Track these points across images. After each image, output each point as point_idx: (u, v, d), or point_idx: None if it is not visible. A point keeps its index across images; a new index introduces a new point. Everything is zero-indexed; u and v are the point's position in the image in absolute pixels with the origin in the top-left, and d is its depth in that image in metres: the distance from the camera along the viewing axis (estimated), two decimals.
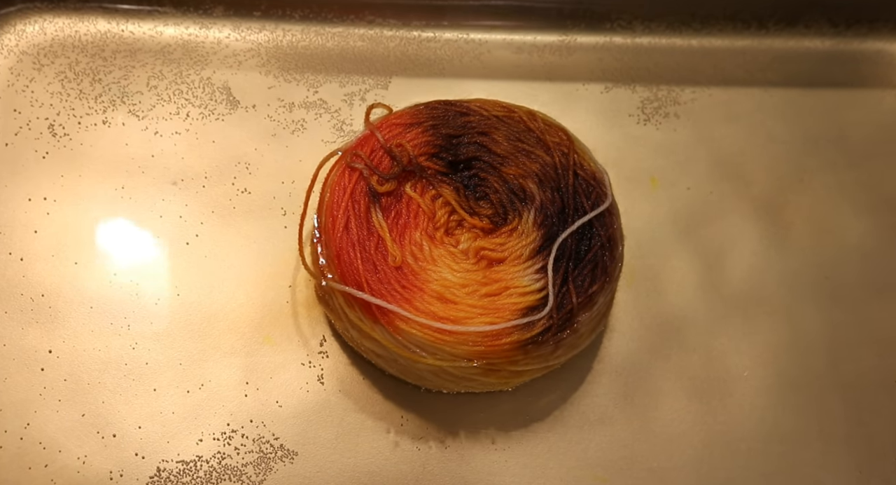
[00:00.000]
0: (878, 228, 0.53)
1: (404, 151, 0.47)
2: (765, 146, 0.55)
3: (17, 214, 0.49)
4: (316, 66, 0.55)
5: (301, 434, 0.46)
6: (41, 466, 0.44)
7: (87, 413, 0.45)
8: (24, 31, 0.54)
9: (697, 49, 0.57)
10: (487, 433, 0.46)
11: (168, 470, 0.45)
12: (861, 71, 0.58)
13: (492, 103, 0.49)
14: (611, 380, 0.48)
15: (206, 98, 0.53)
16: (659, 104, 0.56)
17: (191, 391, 0.46)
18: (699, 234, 0.52)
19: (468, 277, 0.45)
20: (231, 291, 0.48)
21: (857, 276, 0.52)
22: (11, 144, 0.51)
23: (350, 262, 0.44)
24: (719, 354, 0.49)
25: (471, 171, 0.47)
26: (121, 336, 0.47)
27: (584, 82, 0.56)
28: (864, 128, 0.57)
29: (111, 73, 0.53)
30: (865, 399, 0.49)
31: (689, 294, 0.51)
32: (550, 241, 0.45)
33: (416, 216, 0.46)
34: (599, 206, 0.46)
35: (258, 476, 0.45)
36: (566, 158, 0.47)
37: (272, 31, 0.56)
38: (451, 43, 0.56)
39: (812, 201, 0.54)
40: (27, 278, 0.48)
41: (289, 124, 0.53)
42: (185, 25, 0.55)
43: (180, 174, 0.51)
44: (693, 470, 0.46)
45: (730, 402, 0.48)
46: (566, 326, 0.44)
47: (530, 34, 0.57)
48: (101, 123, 0.52)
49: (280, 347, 0.47)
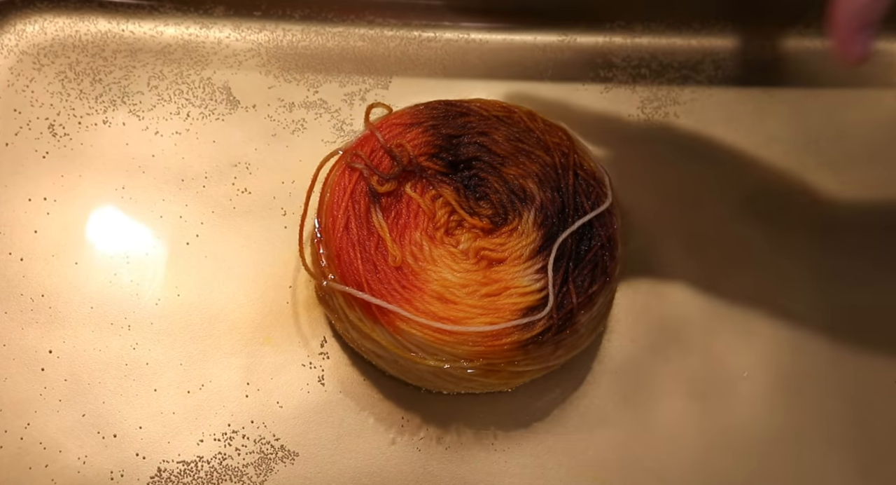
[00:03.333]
0: (878, 228, 0.53)
1: (404, 151, 0.47)
2: (765, 146, 0.55)
3: (17, 214, 0.49)
4: (316, 66, 0.55)
5: (302, 435, 0.46)
6: (41, 466, 0.44)
7: (87, 413, 0.45)
8: (24, 31, 0.54)
9: (697, 49, 0.57)
10: (487, 434, 0.46)
11: (169, 470, 0.45)
12: (861, 71, 0.58)
13: (492, 103, 0.49)
14: (610, 380, 0.48)
15: (206, 98, 0.53)
16: (659, 104, 0.56)
17: (191, 392, 0.46)
18: (699, 234, 0.52)
19: (468, 277, 0.45)
20: (231, 292, 0.48)
21: (857, 276, 0.52)
22: (11, 143, 0.51)
23: (350, 262, 0.44)
24: (719, 354, 0.49)
25: (471, 171, 0.47)
26: (121, 336, 0.47)
27: (584, 82, 0.56)
28: (864, 128, 0.57)
29: (111, 73, 0.53)
30: (865, 399, 0.49)
31: (689, 294, 0.51)
32: (550, 241, 0.45)
33: (416, 216, 0.46)
34: (599, 206, 0.46)
35: (259, 477, 0.45)
36: (566, 158, 0.47)
37: (272, 31, 0.55)
38: (451, 43, 0.56)
39: (812, 201, 0.54)
40: (27, 278, 0.48)
41: (289, 124, 0.53)
42: (186, 25, 0.55)
43: (180, 174, 0.51)
44: (693, 471, 0.46)
45: (730, 402, 0.48)
46: (566, 327, 0.44)
47: (530, 34, 0.57)
48: (101, 123, 0.52)
49: (281, 348, 0.47)
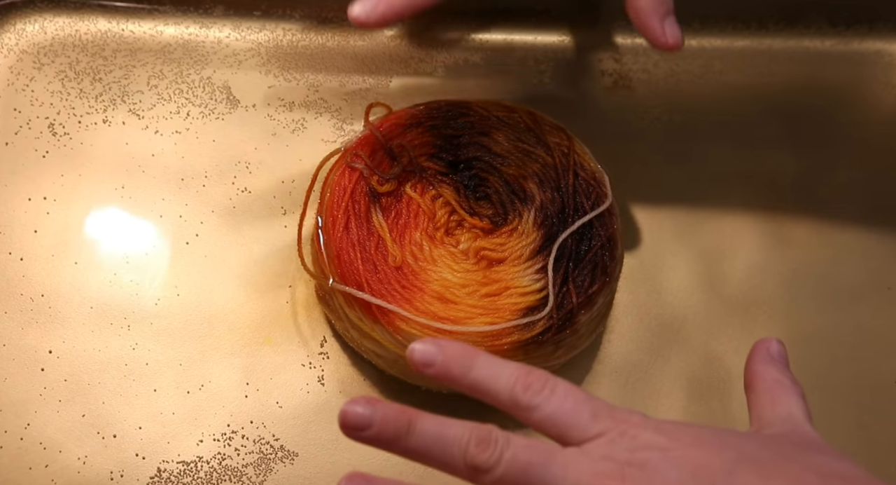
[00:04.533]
0: (879, 228, 0.53)
1: (404, 151, 0.47)
2: (765, 147, 0.55)
3: (17, 214, 0.49)
4: (316, 66, 0.55)
5: (301, 435, 0.46)
6: (41, 466, 0.44)
7: (87, 413, 0.45)
8: (24, 30, 0.54)
9: (697, 49, 0.57)
10: None
11: (168, 471, 0.45)
12: (861, 71, 0.58)
13: (492, 103, 0.49)
14: (611, 380, 0.48)
15: (206, 97, 0.53)
16: (659, 104, 0.56)
17: (191, 392, 0.46)
18: (699, 234, 0.52)
19: (468, 277, 0.45)
20: (231, 292, 0.48)
21: (857, 276, 0.52)
22: (11, 143, 0.51)
23: (350, 262, 0.44)
24: (719, 354, 0.49)
25: (471, 171, 0.47)
26: (121, 336, 0.47)
27: (585, 82, 0.56)
28: (864, 128, 0.57)
29: (111, 73, 0.53)
30: (865, 400, 0.49)
31: (689, 294, 0.51)
32: (550, 241, 0.45)
33: (416, 216, 0.46)
34: (599, 206, 0.46)
35: (258, 477, 0.45)
36: (566, 158, 0.47)
37: (272, 30, 0.55)
38: (452, 43, 0.56)
39: (812, 201, 0.54)
40: (27, 278, 0.48)
41: (289, 124, 0.53)
42: (186, 25, 0.55)
43: (180, 174, 0.51)
44: None
45: (730, 402, 0.48)
46: (566, 327, 0.44)
47: (530, 34, 0.57)
48: (101, 123, 0.52)
49: (280, 348, 0.47)
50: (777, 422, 0.34)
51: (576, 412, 0.31)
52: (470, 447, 0.31)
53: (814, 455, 0.32)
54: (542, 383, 0.32)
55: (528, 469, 0.30)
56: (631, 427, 0.31)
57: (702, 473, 0.30)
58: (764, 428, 0.35)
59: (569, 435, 0.31)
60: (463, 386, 0.32)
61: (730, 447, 0.31)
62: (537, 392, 0.32)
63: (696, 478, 0.30)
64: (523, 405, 0.32)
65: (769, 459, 0.31)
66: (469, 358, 0.32)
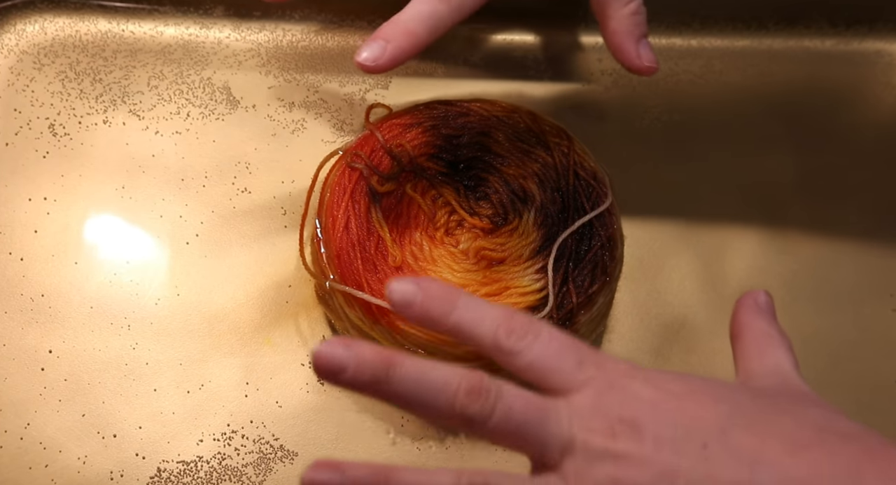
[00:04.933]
0: (879, 229, 0.53)
1: (404, 151, 0.47)
2: (765, 147, 0.55)
3: (17, 214, 0.49)
4: (316, 66, 0.55)
5: (301, 435, 0.46)
6: (41, 466, 0.44)
7: (87, 413, 0.45)
8: (24, 31, 0.54)
9: (697, 49, 0.57)
10: None
11: (168, 470, 0.45)
12: (861, 71, 0.58)
13: (492, 103, 0.49)
14: None
15: (206, 98, 0.53)
16: (659, 104, 0.56)
17: (191, 392, 0.46)
18: (699, 234, 0.52)
19: (468, 277, 0.45)
20: (231, 292, 0.48)
21: (857, 276, 0.52)
22: (12, 143, 0.51)
23: (350, 262, 0.44)
24: (719, 354, 0.49)
25: (471, 171, 0.47)
26: (121, 336, 0.47)
27: (585, 82, 0.56)
28: (864, 128, 0.57)
29: (112, 73, 0.53)
30: (865, 400, 0.49)
31: (689, 294, 0.51)
32: (550, 241, 0.45)
33: (416, 216, 0.46)
34: (600, 206, 0.46)
35: (258, 477, 0.45)
36: (566, 158, 0.47)
37: (272, 31, 0.55)
38: (452, 43, 0.56)
39: (812, 201, 0.54)
40: (27, 278, 0.48)
41: (289, 124, 0.53)
42: (186, 25, 0.55)
43: (180, 174, 0.51)
44: None
45: None
46: (566, 327, 0.44)
47: (531, 34, 0.57)
48: (101, 123, 0.52)
49: (280, 348, 0.47)
50: (765, 374, 0.33)
51: (561, 358, 0.30)
52: (460, 396, 0.29)
53: (809, 408, 0.31)
54: (526, 327, 0.31)
55: (522, 423, 0.29)
56: (619, 377, 0.30)
57: (695, 428, 0.29)
58: (751, 380, 0.33)
59: (552, 381, 0.30)
60: (443, 330, 0.31)
61: (723, 400, 0.30)
62: (521, 337, 0.31)
63: (689, 434, 0.29)
64: (506, 350, 0.31)
65: (762, 413, 0.30)
66: (450, 299, 0.31)
